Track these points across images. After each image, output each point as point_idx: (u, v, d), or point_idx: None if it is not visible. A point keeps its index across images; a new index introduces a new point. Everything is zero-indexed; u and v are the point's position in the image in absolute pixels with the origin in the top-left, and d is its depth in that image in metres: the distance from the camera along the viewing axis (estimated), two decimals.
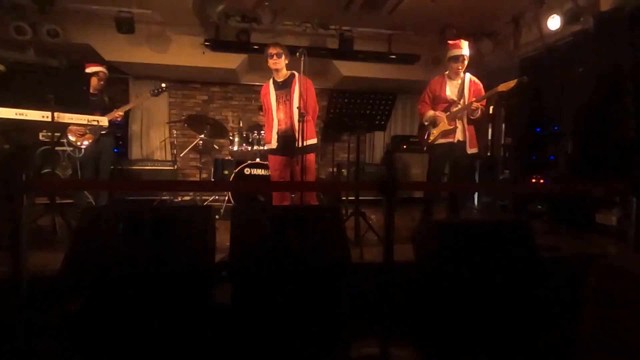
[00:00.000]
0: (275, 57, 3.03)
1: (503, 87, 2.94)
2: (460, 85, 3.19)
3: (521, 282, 1.96)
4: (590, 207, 3.63)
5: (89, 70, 3.77)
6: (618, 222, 3.37)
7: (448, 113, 3.15)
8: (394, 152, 6.16)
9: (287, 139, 3.08)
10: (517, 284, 1.96)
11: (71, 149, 3.57)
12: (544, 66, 4.41)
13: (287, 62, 3.11)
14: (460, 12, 4.57)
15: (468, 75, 3.22)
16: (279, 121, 3.12)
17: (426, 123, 3.28)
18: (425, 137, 3.30)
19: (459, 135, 3.15)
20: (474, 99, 3.08)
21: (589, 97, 3.75)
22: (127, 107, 3.83)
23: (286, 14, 4.76)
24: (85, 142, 3.61)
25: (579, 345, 0.74)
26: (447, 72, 3.25)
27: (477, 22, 4.89)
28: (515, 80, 2.92)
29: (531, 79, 4.74)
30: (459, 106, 3.12)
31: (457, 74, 3.18)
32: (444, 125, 3.15)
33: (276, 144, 3.13)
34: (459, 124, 3.15)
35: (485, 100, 3.10)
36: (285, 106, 3.11)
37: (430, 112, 3.21)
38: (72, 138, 3.56)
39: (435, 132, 3.20)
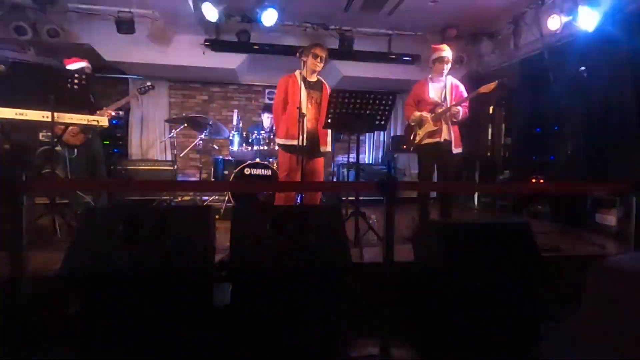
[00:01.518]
0: (319, 60, 3.01)
1: (484, 89, 3.04)
2: (443, 88, 3.27)
3: (521, 282, 1.96)
4: (590, 207, 3.63)
5: (72, 66, 3.42)
6: (618, 222, 3.38)
7: (433, 114, 3.22)
8: (394, 152, 6.16)
9: (310, 140, 2.98)
10: (517, 284, 1.96)
11: (58, 147, 3.44)
12: (544, 66, 4.40)
13: (323, 68, 3.11)
14: (460, 12, 4.58)
15: (450, 78, 3.31)
16: (307, 120, 2.98)
17: (412, 124, 3.33)
18: (412, 138, 3.35)
19: (444, 135, 3.21)
20: (455, 102, 3.18)
21: (589, 97, 3.75)
22: (117, 105, 3.75)
23: (286, 14, 4.76)
24: (78, 142, 3.49)
25: (578, 345, 0.74)
26: (430, 76, 3.35)
27: (477, 22, 4.89)
28: (496, 82, 3.01)
29: (531, 79, 4.78)
30: (443, 107, 3.19)
31: (441, 75, 3.27)
32: (429, 125, 3.22)
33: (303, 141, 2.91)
34: (443, 125, 3.21)
35: (468, 101, 3.19)
36: (314, 108, 3.06)
37: (416, 113, 3.26)
38: (66, 138, 3.37)
39: (421, 132, 3.26)
